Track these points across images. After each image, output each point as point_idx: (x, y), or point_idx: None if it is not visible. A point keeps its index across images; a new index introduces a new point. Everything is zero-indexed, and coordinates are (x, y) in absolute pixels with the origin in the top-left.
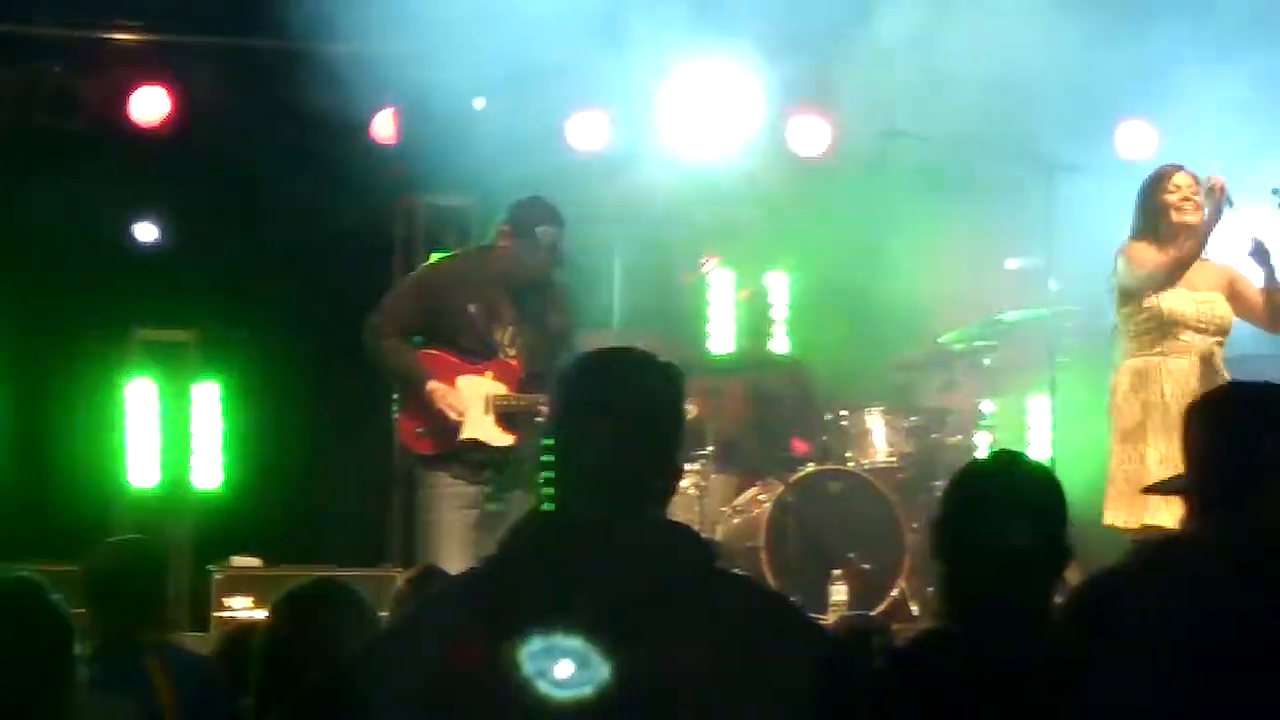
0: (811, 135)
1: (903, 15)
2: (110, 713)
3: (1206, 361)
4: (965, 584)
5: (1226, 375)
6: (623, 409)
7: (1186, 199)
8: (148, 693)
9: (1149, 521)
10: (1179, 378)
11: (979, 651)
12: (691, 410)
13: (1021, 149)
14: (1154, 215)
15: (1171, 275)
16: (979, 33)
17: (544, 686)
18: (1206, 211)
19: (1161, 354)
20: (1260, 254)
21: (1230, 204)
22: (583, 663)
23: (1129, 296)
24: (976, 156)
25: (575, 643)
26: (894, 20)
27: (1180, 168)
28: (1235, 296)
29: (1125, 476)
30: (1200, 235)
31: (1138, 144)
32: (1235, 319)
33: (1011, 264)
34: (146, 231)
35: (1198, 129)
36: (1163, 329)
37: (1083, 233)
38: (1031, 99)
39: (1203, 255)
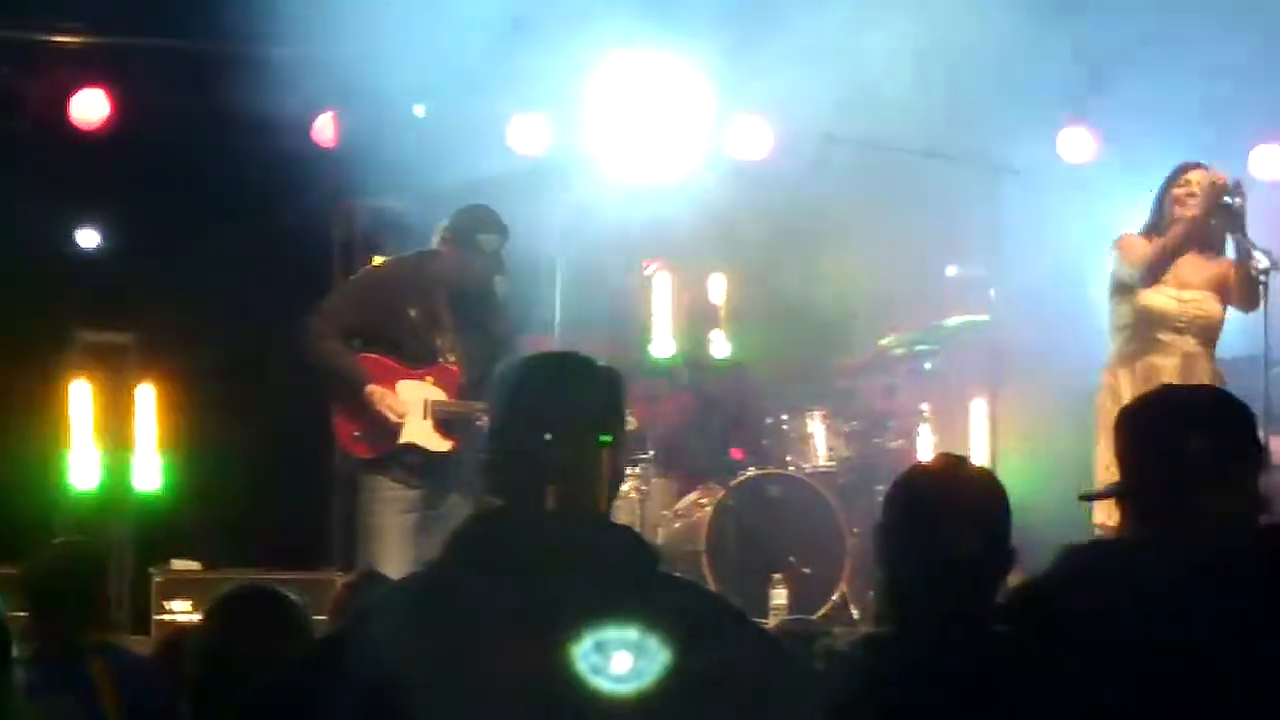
0: (752, 139)
1: (844, 18)
2: (53, 714)
3: (1190, 362)
4: (908, 588)
5: (1215, 376)
6: (568, 413)
7: (1191, 194)
8: (91, 694)
9: None
10: (1159, 378)
11: (921, 654)
12: (631, 423)
13: (963, 153)
14: (1159, 209)
15: (1153, 268)
16: (920, 36)
17: (493, 687)
18: (1199, 205)
19: (1143, 352)
20: (1226, 213)
21: (1231, 200)
22: (530, 663)
23: (1118, 290)
24: (918, 161)
25: (524, 644)
26: (835, 23)
27: (1198, 165)
28: (1227, 289)
29: (1112, 476)
30: (1186, 225)
31: (1080, 148)
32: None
33: (951, 270)
34: (87, 234)
35: (1140, 133)
36: (1143, 327)
37: (1024, 237)
38: (973, 103)
39: (1206, 252)
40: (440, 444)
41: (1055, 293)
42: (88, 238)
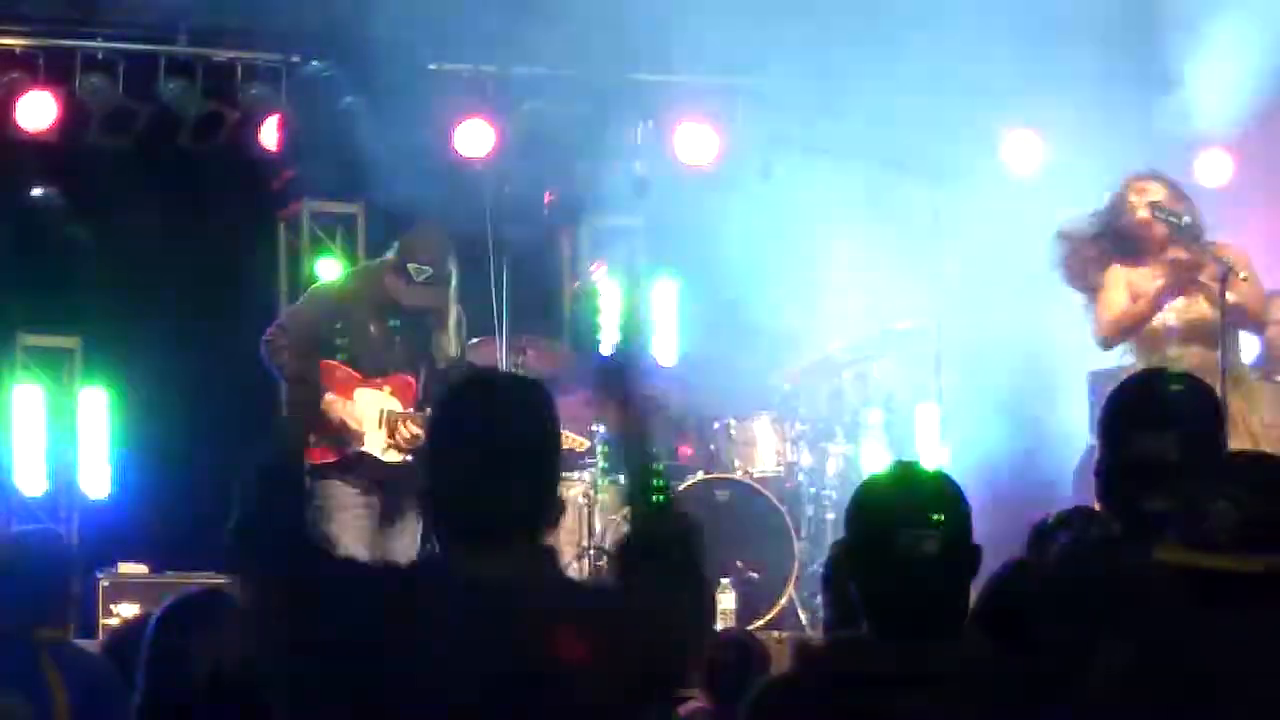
0: (699, 144)
1: (791, 25)
2: (2, 713)
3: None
4: (877, 597)
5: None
6: (491, 443)
7: (1160, 210)
8: (41, 693)
9: None
10: None
11: (893, 658)
12: (582, 443)
13: (908, 159)
14: (1114, 220)
15: (1122, 336)
16: (866, 44)
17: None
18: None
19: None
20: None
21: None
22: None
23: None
24: (863, 166)
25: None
26: (782, 30)
27: (1151, 176)
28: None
29: None
30: (1164, 289)
31: (1023, 155)
32: None
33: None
34: (31, 236)
35: (1084, 140)
36: (1142, 346)
37: (968, 242)
38: (917, 110)
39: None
40: (393, 455)
41: (1001, 297)
42: (33, 240)
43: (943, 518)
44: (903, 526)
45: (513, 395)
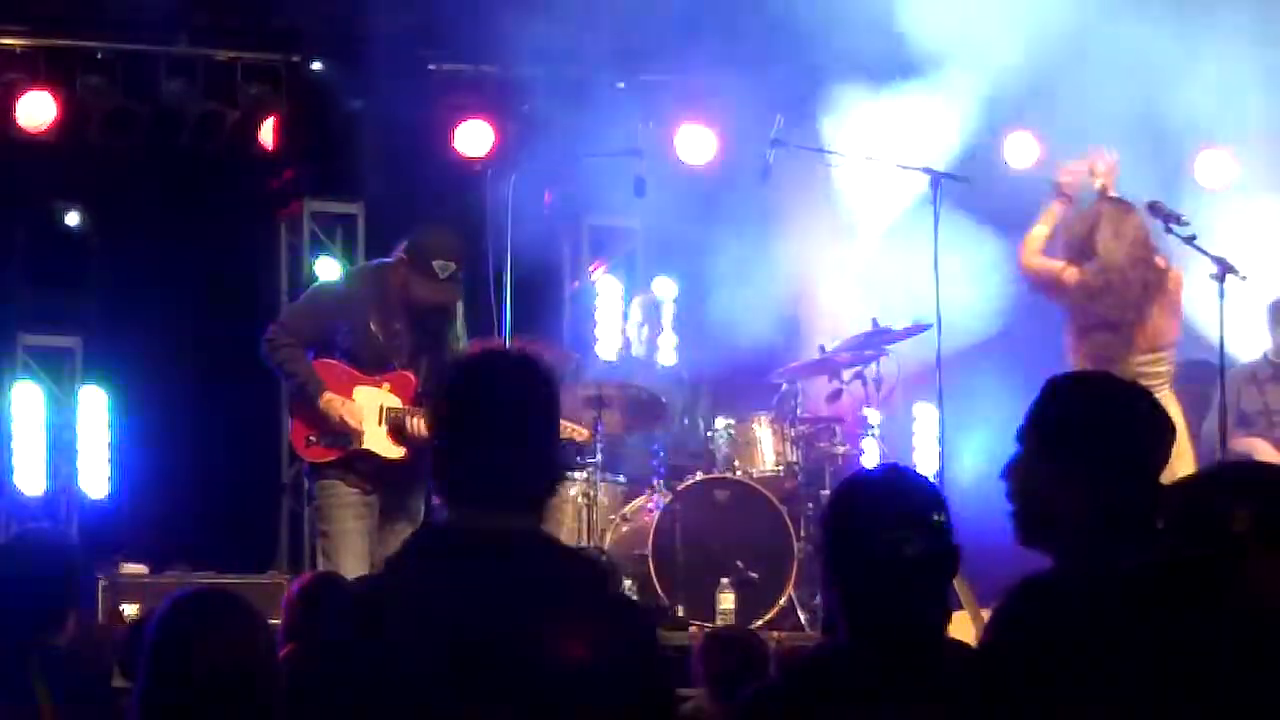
0: (698, 144)
1: (790, 22)
2: None
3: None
4: (857, 599)
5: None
6: (498, 413)
7: None
8: (26, 698)
9: None
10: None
11: (874, 669)
12: (583, 433)
13: (908, 159)
14: None
15: None
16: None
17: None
18: None
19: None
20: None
21: None
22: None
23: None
24: (863, 166)
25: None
26: (781, 27)
27: None
28: None
29: None
30: None
31: (1023, 155)
32: None
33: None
34: (32, 236)
35: (1083, 141)
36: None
37: (968, 241)
38: (915, 109)
39: None
40: (394, 451)
41: (1000, 296)
42: (33, 240)
43: (924, 520)
44: (883, 529)
45: (516, 366)
